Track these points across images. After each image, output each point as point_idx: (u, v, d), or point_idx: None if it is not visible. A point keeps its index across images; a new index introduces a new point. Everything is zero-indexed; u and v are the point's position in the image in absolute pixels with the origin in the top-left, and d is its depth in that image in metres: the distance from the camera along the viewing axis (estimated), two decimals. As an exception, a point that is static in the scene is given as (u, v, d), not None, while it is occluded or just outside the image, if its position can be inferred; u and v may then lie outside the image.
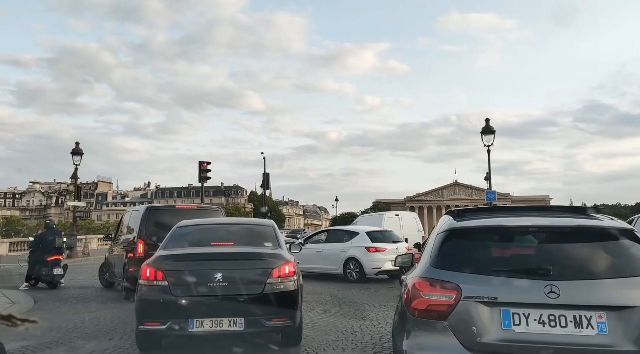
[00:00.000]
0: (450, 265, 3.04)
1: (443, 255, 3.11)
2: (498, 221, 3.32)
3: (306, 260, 14.07)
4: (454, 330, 2.85)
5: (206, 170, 21.67)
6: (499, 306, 2.82)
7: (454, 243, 3.16)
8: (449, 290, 2.91)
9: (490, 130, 24.33)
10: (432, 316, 2.93)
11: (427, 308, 2.95)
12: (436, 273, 3.03)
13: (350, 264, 13.06)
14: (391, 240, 13.53)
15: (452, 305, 2.88)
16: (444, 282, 2.95)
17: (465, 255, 3.10)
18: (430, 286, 2.98)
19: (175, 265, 5.14)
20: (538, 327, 2.76)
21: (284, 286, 5.17)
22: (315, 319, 7.61)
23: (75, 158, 27.64)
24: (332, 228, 15.00)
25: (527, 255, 3.09)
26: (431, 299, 2.95)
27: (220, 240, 5.86)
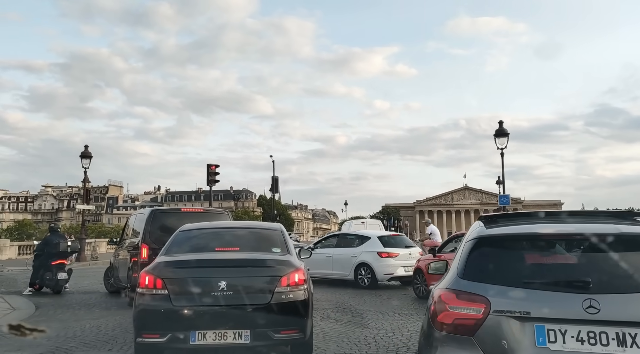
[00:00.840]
0: (479, 275, 2.79)
1: (471, 265, 2.86)
2: (531, 228, 3.08)
3: (316, 265, 13.65)
4: (483, 347, 2.62)
5: (214, 173, 21.39)
6: (533, 321, 2.57)
7: (483, 252, 2.92)
8: (477, 304, 2.68)
9: (504, 133, 23.78)
10: (459, 331, 2.70)
11: (453, 322, 2.73)
12: (463, 285, 2.79)
13: (361, 269, 12.65)
14: (404, 245, 13.11)
15: (481, 320, 2.64)
16: (472, 294, 2.72)
17: (496, 265, 2.84)
18: (457, 299, 2.75)
19: (177, 272, 4.79)
20: (576, 345, 2.51)
21: (293, 296, 4.79)
22: (327, 328, 7.22)
23: (84, 161, 27.56)
24: (342, 233, 14.62)
25: (564, 266, 2.81)
26: (458, 313, 2.72)
27: (226, 245, 5.50)
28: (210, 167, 21.25)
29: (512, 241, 2.95)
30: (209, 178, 21.23)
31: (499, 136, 23.69)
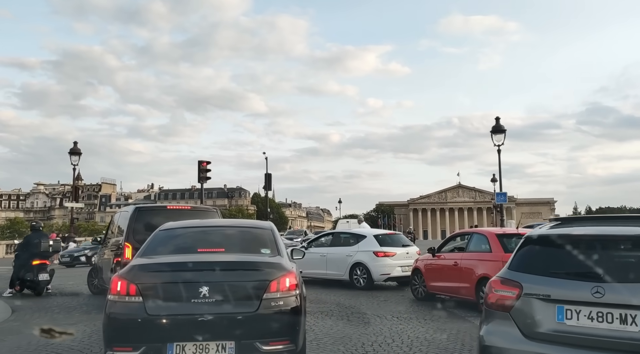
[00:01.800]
0: (520, 267, 3.54)
1: (517, 259, 3.64)
2: (567, 230, 3.65)
3: (309, 265, 13.17)
4: (516, 320, 3.34)
5: (206, 170, 20.82)
6: (554, 302, 3.23)
7: (528, 248, 3.65)
8: (513, 288, 3.42)
9: (501, 130, 23.42)
10: (500, 308, 3.47)
11: (496, 301, 3.52)
12: (508, 274, 3.57)
13: (357, 269, 12.17)
14: (401, 244, 12.63)
15: (514, 300, 3.37)
16: (511, 281, 3.47)
17: (532, 259, 3.55)
18: (501, 284, 3.55)
19: (153, 276, 4.28)
20: (587, 322, 3.12)
21: (283, 303, 4.30)
22: (321, 334, 6.74)
23: (74, 158, 26.95)
24: (337, 231, 14.12)
25: (583, 260, 3.32)
26: (499, 295, 3.51)
27: (209, 245, 4.99)
28: (201, 164, 20.69)
29: (547, 241, 3.62)
30: (200, 175, 20.66)
31: (495, 132, 23.32)
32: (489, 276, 8.03)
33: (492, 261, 8.11)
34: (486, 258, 8.32)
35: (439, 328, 7.19)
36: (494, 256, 8.15)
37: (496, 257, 8.08)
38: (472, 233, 9.29)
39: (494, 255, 8.18)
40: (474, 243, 8.94)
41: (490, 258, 8.21)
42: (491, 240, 8.41)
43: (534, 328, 3.25)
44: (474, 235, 9.15)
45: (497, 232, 8.64)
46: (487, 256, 8.32)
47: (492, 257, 8.20)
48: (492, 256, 8.22)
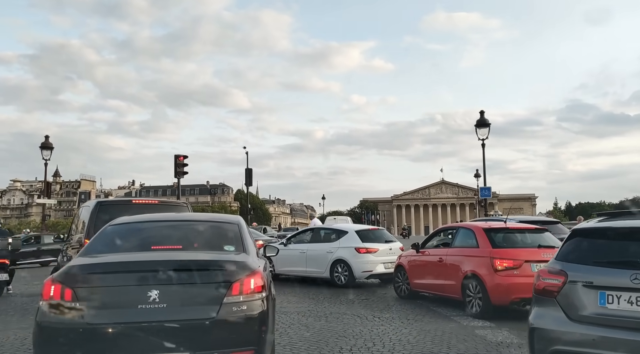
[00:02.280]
0: (566, 257, 3.84)
1: (564, 250, 3.93)
2: (609, 223, 3.96)
3: (289, 262, 12.65)
4: (561, 305, 3.63)
5: (183, 164, 20.07)
6: (596, 288, 3.50)
7: (574, 241, 3.94)
8: (559, 276, 3.73)
9: (485, 123, 23.08)
10: (546, 294, 3.78)
11: (543, 288, 3.83)
12: (555, 264, 3.88)
13: (338, 267, 11.64)
14: (384, 240, 12.14)
15: (560, 287, 3.67)
16: (557, 270, 3.78)
17: (578, 250, 3.83)
18: (548, 273, 3.86)
19: (93, 278, 3.69)
20: (627, 306, 3.37)
21: (247, 307, 3.74)
22: (295, 337, 6.20)
23: (45, 152, 25.89)
24: (318, 227, 13.56)
25: (623, 250, 3.63)
26: (546, 282, 3.82)
27: (165, 242, 4.40)
28: (178, 158, 19.92)
29: (591, 233, 3.97)
30: (177, 169, 19.89)
31: (480, 127, 22.98)
32: (475, 273, 7.60)
33: (479, 257, 7.67)
34: (473, 253, 7.86)
35: (423, 329, 6.71)
36: (481, 252, 7.69)
37: (483, 253, 7.63)
38: (458, 228, 8.82)
39: (481, 251, 7.72)
40: (460, 238, 8.48)
41: (478, 253, 7.75)
42: (478, 235, 7.95)
43: (578, 311, 3.54)
44: (460, 229, 8.69)
45: (484, 226, 8.19)
46: (473, 252, 7.86)
47: (479, 253, 7.74)
48: (479, 251, 7.76)
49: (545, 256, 7.34)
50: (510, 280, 7.17)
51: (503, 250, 7.57)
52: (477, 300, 7.49)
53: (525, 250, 7.56)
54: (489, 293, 7.26)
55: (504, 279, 7.21)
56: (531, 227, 8.46)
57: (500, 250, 7.53)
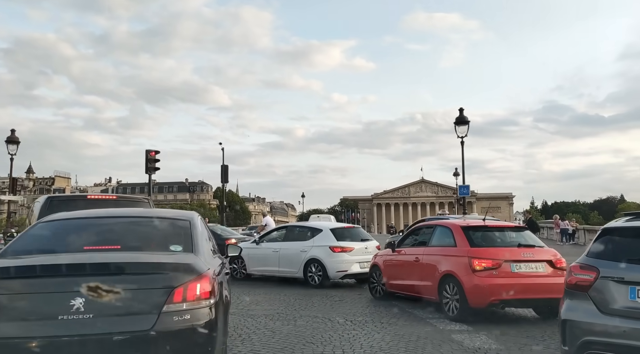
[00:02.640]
0: (597, 254, 4.06)
1: (594, 248, 4.15)
2: (638, 223, 4.08)
3: (261, 262, 12.15)
4: (593, 299, 3.87)
5: (154, 160, 19.29)
6: (627, 284, 3.72)
7: (604, 239, 4.15)
8: (591, 272, 3.96)
9: (464, 121, 22.86)
10: (578, 288, 4.02)
11: (575, 283, 4.07)
12: (586, 260, 4.11)
13: (311, 266, 11.18)
14: (359, 238, 11.72)
15: (592, 282, 3.91)
16: (589, 266, 4.01)
17: (608, 248, 4.05)
18: (580, 269, 4.09)
19: (8, 284, 3.14)
20: None
21: (191, 316, 3.25)
22: (259, 344, 5.71)
23: (11, 147, 24.75)
24: (292, 225, 13.07)
25: None
26: (578, 277, 4.06)
27: (101, 242, 3.87)
28: (149, 153, 19.14)
29: (622, 232, 4.14)
30: (148, 165, 19.12)
31: (459, 124, 22.76)
32: (453, 273, 7.21)
33: (457, 257, 7.28)
34: (450, 253, 7.47)
35: (397, 334, 6.29)
36: (459, 251, 7.31)
37: (461, 252, 7.24)
38: (435, 226, 8.43)
39: (459, 250, 7.34)
40: (437, 237, 8.09)
41: (455, 253, 7.37)
42: (456, 233, 7.56)
43: (609, 305, 3.74)
44: (437, 227, 8.30)
45: (462, 224, 7.81)
46: (451, 251, 7.48)
47: (457, 252, 7.35)
48: (457, 251, 7.37)
49: (525, 256, 7.01)
50: (489, 280, 6.81)
51: (482, 249, 7.20)
52: (455, 302, 7.10)
53: (504, 250, 7.21)
54: (467, 295, 6.88)
55: (483, 280, 6.84)
56: (511, 225, 8.15)
57: (478, 250, 7.15)
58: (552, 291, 6.93)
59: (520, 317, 7.66)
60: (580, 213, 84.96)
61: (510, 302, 6.96)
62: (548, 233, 35.09)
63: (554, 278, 6.99)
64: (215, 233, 15.11)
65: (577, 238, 30.53)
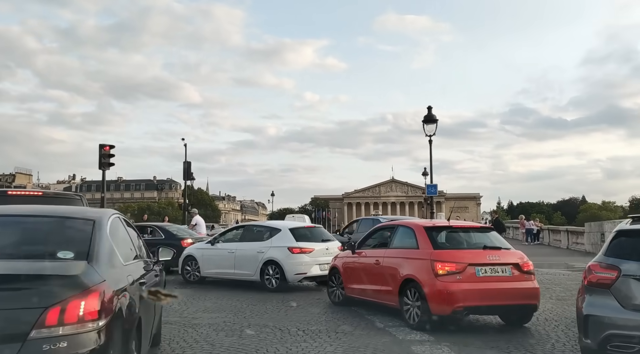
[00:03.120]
0: (616, 254, 4.48)
1: (612, 248, 4.57)
2: None
3: (216, 263, 11.38)
4: (615, 295, 4.25)
5: (109, 154, 18.15)
6: None
7: (620, 240, 4.60)
8: (613, 270, 4.33)
9: (433, 120, 22.45)
10: (600, 286, 4.38)
11: (597, 281, 4.43)
12: (606, 259, 4.51)
13: (268, 268, 10.49)
14: (320, 239, 11.08)
15: (614, 280, 4.28)
16: (610, 265, 4.39)
17: (626, 248, 4.49)
18: (600, 268, 4.47)
19: None
20: None
21: (68, 344, 2.53)
22: (194, 362, 5.00)
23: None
24: (249, 224, 12.34)
25: None
26: (600, 276, 4.43)
27: None
28: (102, 148, 18.01)
29: (634, 233, 4.66)
30: (101, 160, 17.98)
31: (427, 122, 22.37)
32: (414, 278, 6.65)
33: (419, 260, 6.72)
34: (412, 255, 6.91)
35: (352, 346, 5.67)
36: (421, 254, 6.75)
37: (424, 255, 6.69)
38: (397, 226, 7.86)
39: (421, 252, 6.78)
40: (398, 238, 7.52)
41: (417, 255, 6.81)
42: (418, 234, 7.01)
43: (631, 300, 4.12)
44: (399, 227, 7.73)
45: (425, 225, 7.26)
46: (413, 254, 6.92)
47: (419, 255, 6.79)
48: (419, 253, 6.81)
49: (491, 259, 6.51)
50: (453, 286, 6.27)
51: (445, 251, 6.67)
52: (416, 309, 6.54)
53: (469, 252, 6.70)
54: (429, 302, 6.32)
55: (446, 285, 6.29)
56: (476, 226, 7.67)
57: (442, 252, 6.61)
58: (519, 297, 6.49)
59: (486, 325, 7.17)
60: (544, 213, 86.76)
61: (475, 309, 6.45)
62: (514, 233, 35.35)
63: (520, 283, 6.53)
64: (170, 232, 14.28)
65: (541, 238, 30.75)
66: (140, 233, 14.15)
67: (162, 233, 14.11)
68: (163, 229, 14.35)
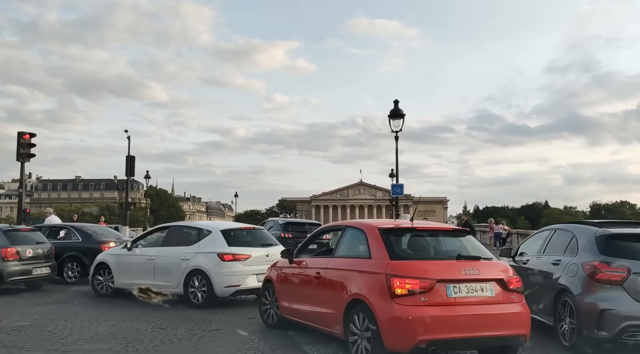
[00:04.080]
0: (619, 253, 5.30)
1: (608, 248, 5.36)
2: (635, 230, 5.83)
3: (132, 272, 9.31)
4: (627, 291, 4.99)
5: (29, 144, 15.75)
6: None
7: (612, 242, 5.47)
8: (623, 268, 5.11)
9: (399, 114, 20.91)
10: (611, 283, 5.07)
11: (608, 278, 5.11)
12: (611, 259, 5.26)
13: (194, 279, 8.52)
14: (260, 243, 9.14)
15: (625, 277, 5.02)
16: (619, 264, 5.16)
17: (620, 248, 5.39)
18: (609, 266, 5.20)
19: None
20: None
21: None
22: None
23: None
24: (176, 224, 10.28)
25: None
26: (610, 274, 5.15)
27: None
28: (22, 136, 15.59)
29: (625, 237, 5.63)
30: (20, 150, 15.56)
31: (393, 117, 20.73)
32: (363, 298, 4.79)
33: (371, 274, 4.91)
34: (362, 267, 5.09)
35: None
36: (373, 266, 4.93)
37: (377, 266, 4.87)
38: (345, 227, 6.00)
39: (373, 263, 4.96)
40: (345, 243, 5.70)
41: (369, 267, 4.99)
42: (371, 238, 5.19)
43: None
44: (347, 229, 5.87)
45: (380, 225, 5.41)
46: (363, 265, 5.10)
47: (370, 266, 4.97)
48: (370, 264, 4.99)
49: (467, 273, 4.74)
50: (416, 311, 4.48)
51: (406, 262, 4.86)
52: (365, 342, 4.72)
53: (438, 263, 4.91)
54: (382, 332, 4.51)
55: (406, 310, 4.49)
56: (448, 228, 5.87)
57: (401, 263, 4.80)
58: (504, 326, 4.73)
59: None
60: (508, 217, 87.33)
61: (446, 343, 4.60)
62: (481, 237, 34.36)
63: (506, 306, 4.79)
64: (87, 234, 12.09)
65: (509, 242, 29.75)
66: (51, 235, 11.71)
67: (79, 235, 11.91)
68: (80, 230, 12.12)
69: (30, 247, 10.26)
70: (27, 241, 10.44)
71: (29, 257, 10.11)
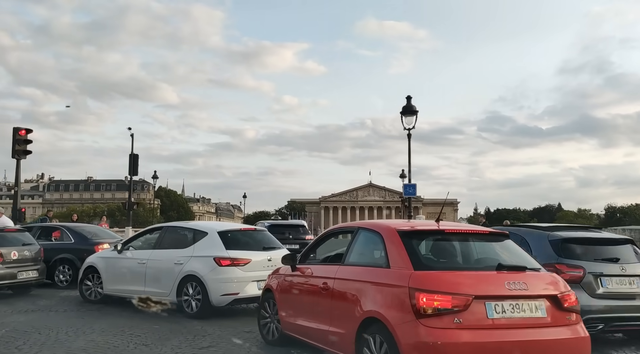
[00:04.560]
0: (573, 256, 5.89)
1: (564, 250, 5.94)
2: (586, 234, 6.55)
3: (122, 278, 8.50)
4: (584, 288, 5.56)
5: (25, 140, 15.06)
6: (600, 276, 5.68)
7: (567, 245, 6.01)
8: (579, 269, 5.67)
9: (412, 111, 19.96)
10: (572, 282, 5.03)
11: (569, 278, 5.13)
12: (568, 261, 5.77)
13: (188, 286, 7.65)
14: (261, 246, 8.22)
15: (582, 277, 5.61)
16: (575, 266, 5.72)
17: (573, 251, 5.99)
18: (567, 267, 5.65)
19: None
20: (617, 286, 5.71)
21: None
22: None
23: None
24: (170, 225, 9.42)
25: (609, 250, 6.08)
26: (570, 274, 5.52)
27: None
28: (18, 132, 14.90)
29: (576, 240, 6.18)
30: (15, 147, 14.87)
31: (406, 114, 19.75)
32: (381, 318, 3.86)
33: (390, 287, 3.98)
34: (379, 278, 4.17)
35: None
36: (393, 277, 4.01)
37: (398, 278, 3.94)
38: (358, 229, 5.05)
39: (393, 274, 4.04)
40: (358, 248, 4.77)
41: (387, 279, 4.06)
42: (390, 243, 4.26)
43: (594, 291, 5.61)
44: (360, 231, 4.92)
45: (400, 227, 4.46)
46: (380, 276, 4.17)
47: (389, 277, 4.05)
48: (389, 275, 4.07)
49: (512, 288, 3.78)
50: (448, 335, 3.55)
51: (434, 273, 3.93)
52: (383, 372, 3.80)
53: (475, 275, 3.97)
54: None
55: (436, 334, 3.56)
56: (483, 230, 4.86)
57: (428, 274, 3.87)
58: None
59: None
60: (520, 219, 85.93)
61: (485, 376, 3.70)
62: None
63: (560, 330, 3.83)
64: (81, 235, 11.31)
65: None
66: (43, 236, 10.79)
67: (72, 236, 11.13)
68: (73, 231, 11.33)
69: (16, 249, 9.50)
70: (13, 242, 9.68)
71: (13, 260, 9.33)
